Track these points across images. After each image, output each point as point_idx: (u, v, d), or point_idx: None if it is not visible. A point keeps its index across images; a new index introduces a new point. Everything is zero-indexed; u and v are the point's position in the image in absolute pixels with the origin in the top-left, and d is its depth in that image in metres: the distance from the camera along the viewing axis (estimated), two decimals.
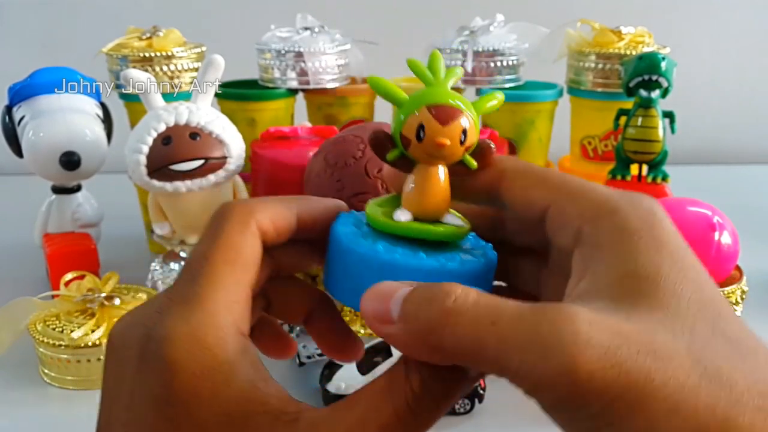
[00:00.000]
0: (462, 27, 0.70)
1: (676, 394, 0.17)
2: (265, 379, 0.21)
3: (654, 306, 0.19)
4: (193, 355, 0.20)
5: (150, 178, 0.50)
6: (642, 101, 0.53)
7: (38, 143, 0.57)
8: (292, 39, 0.68)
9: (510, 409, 0.45)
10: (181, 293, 0.21)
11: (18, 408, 0.45)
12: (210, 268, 0.22)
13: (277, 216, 0.24)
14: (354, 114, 0.72)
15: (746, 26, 1.07)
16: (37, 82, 0.58)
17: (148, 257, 0.69)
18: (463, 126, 0.25)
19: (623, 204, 0.22)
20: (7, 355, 0.47)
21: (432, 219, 0.27)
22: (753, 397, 0.18)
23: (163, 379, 0.20)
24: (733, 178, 1.01)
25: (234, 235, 0.23)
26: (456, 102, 0.25)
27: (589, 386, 0.17)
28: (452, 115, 0.25)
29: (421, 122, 0.25)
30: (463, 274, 0.24)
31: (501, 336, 0.18)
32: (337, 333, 0.27)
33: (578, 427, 0.18)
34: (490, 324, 0.19)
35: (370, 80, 0.27)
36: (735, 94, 1.09)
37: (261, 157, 0.60)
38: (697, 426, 0.17)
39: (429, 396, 0.20)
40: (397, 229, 0.26)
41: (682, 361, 0.18)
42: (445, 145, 0.25)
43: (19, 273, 0.66)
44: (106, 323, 0.47)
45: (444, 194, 0.27)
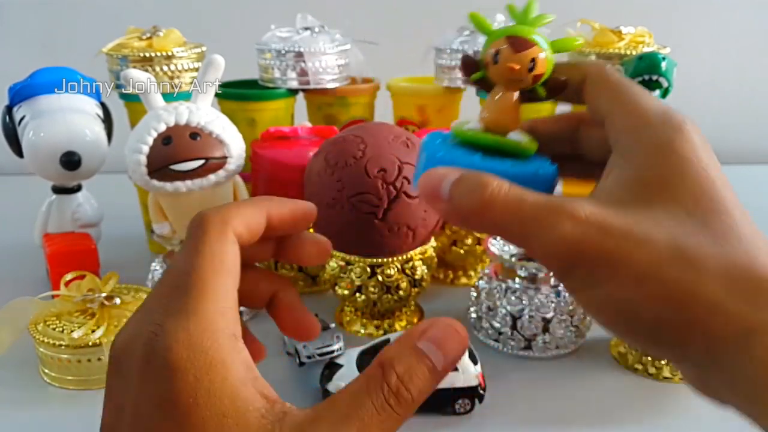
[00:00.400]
0: (462, 27, 0.70)
1: (648, 269, 0.23)
2: (255, 378, 0.23)
3: (649, 206, 0.25)
4: (192, 360, 0.22)
5: (150, 178, 0.50)
6: None
7: (38, 143, 0.57)
8: (292, 39, 0.67)
9: (510, 409, 0.45)
10: (176, 305, 0.23)
11: (18, 408, 0.45)
12: (199, 279, 0.24)
13: (250, 219, 0.27)
14: (354, 114, 0.72)
15: (746, 26, 1.07)
16: (38, 82, 0.58)
17: (148, 257, 0.69)
18: (533, 55, 0.30)
19: (656, 120, 0.27)
20: (7, 355, 0.47)
21: (499, 133, 0.32)
22: (719, 277, 0.23)
23: (167, 384, 0.22)
24: (733, 178, 1.00)
25: (215, 244, 0.25)
26: (532, 36, 0.31)
27: (578, 255, 0.24)
28: (524, 44, 0.31)
29: (498, 48, 0.31)
30: (509, 176, 0.29)
31: (521, 219, 0.25)
32: (297, 313, 0.30)
33: (574, 288, 0.25)
34: (515, 211, 0.25)
35: (471, 16, 0.33)
36: (735, 94, 1.09)
37: (261, 157, 0.60)
38: (662, 294, 0.23)
39: (404, 392, 0.23)
40: (465, 135, 0.31)
41: (659, 245, 0.23)
42: (515, 69, 0.31)
43: (19, 273, 0.66)
44: (106, 323, 0.47)
45: (510, 113, 0.32)
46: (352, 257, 0.52)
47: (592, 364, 0.50)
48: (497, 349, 0.52)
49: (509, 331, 0.51)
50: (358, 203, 0.48)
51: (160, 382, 0.22)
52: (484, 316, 0.52)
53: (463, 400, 0.44)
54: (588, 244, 0.24)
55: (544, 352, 0.51)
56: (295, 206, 0.29)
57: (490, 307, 0.52)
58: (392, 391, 0.23)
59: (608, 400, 0.46)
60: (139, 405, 0.22)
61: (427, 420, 0.43)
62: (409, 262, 0.52)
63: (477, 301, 0.54)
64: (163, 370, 0.22)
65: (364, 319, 0.55)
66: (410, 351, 0.24)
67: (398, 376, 0.23)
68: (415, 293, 0.54)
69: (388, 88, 0.75)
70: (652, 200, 0.26)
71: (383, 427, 0.23)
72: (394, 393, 0.23)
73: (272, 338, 0.49)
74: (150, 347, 0.23)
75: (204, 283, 0.24)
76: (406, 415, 0.23)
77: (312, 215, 0.30)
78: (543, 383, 0.48)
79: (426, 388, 0.24)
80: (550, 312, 0.50)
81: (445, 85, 0.70)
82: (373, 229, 0.49)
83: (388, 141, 0.49)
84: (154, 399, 0.22)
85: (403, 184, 0.48)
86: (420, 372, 0.24)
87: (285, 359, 0.50)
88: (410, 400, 0.23)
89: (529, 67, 0.31)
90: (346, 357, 0.46)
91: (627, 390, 0.47)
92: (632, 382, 0.48)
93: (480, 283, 0.54)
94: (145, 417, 0.22)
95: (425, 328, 0.25)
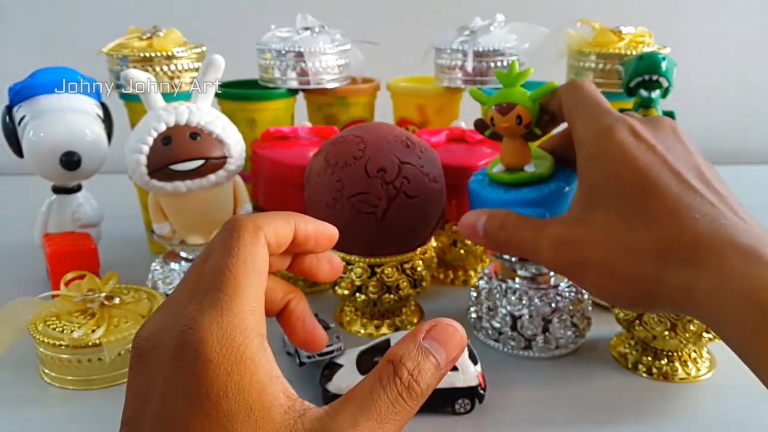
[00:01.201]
0: (462, 27, 0.70)
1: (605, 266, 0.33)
2: (278, 376, 0.25)
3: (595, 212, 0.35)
4: (225, 354, 0.23)
5: (150, 178, 0.50)
6: (642, 101, 0.53)
7: (38, 143, 0.57)
8: (292, 39, 0.67)
9: (510, 409, 0.45)
10: (209, 301, 0.24)
11: (18, 408, 0.45)
12: (233, 278, 0.25)
13: (280, 230, 0.28)
14: (354, 114, 0.72)
15: (746, 26, 1.07)
16: (37, 82, 0.58)
17: (148, 257, 0.69)
18: (517, 113, 0.43)
19: (591, 135, 0.36)
20: (7, 355, 0.47)
21: (516, 169, 0.45)
22: (655, 255, 0.32)
23: (198, 376, 0.23)
24: (733, 178, 1.00)
25: (248, 247, 0.26)
26: (514, 99, 0.43)
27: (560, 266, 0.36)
28: (508, 108, 0.43)
29: (491, 115, 0.44)
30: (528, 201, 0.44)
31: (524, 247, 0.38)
32: (307, 325, 0.32)
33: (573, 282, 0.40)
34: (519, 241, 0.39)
35: (471, 91, 0.47)
36: (735, 94, 1.09)
37: (261, 157, 0.60)
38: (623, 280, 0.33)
39: (415, 386, 0.25)
40: (493, 177, 0.47)
41: (605, 245, 0.33)
42: (507, 127, 0.44)
43: (19, 273, 0.66)
44: (106, 323, 0.47)
45: (519, 153, 0.45)
46: (352, 257, 0.52)
47: (592, 364, 0.50)
48: (497, 349, 0.52)
49: (509, 331, 0.51)
50: (358, 203, 0.48)
51: (191, 373, 0.23)
52: (484, 316, 0.52)
53: (463, 400, 0.44)
54: (561, 258, 0.35)
55: (544, 352, 0.51)
56: (320, 227, 0.31)
57: (490, 307, 0.52)
58: (404, 385, 0.25)
59: (608, 400, 0.46)
60: (166, 394, 0.23)
61: (427, 420, 0.43)
62: (409, 262, 0.52)
63: (477, 301, 0.54)
64: (196, 362, 0.23)
65: (364, 319, 0.55)
66: (417, 349, 0.26)
67: (408, 371, 0.25)
68: (415, 293, 0.54)
69: (388, 88, 0.75)
70: (595, 207, 0.34)
71: (397, 419, 0.24)
72: (406, 387, 0.25)
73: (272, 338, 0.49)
74: (182, 339, 0.23)
75: (237, 282, 0.25)
76: (416, 407, 0.25)
77: (334, 239, 0.32)
78: (543, 383, 0.48)
79: (432, 383, 0.26)
80: (550, 312, 0.50)
81: (445, 85, 0.70)
82: (373, 229, 0.49)
83: (388, 141, 0.49)
84: (184, 389, 0.23)
85: (402, 184, 0.48)
86: (427, 368, 0.26)
87: (285, 359, 0.50)
88: (420, 393, 0.25)
89: (517, 121, 0.43)
90: (346, 357, 0.46)
91: (627, 390, 0.47)
92: (632, 382, 0.48)
93: (480, 283, 0.54)
94: (172, 407, 0.23)
95: (428, 327, 0.27)
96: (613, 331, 0.54)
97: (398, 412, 0.24)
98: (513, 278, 0.51)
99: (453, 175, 0.54)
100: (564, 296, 0.50)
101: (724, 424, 0.44)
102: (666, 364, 0.48)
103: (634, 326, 0.47)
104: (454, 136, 0.65)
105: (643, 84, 0.53)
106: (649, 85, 0.53)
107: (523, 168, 0.45)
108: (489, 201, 0.45)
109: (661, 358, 0.49)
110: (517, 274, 0.51)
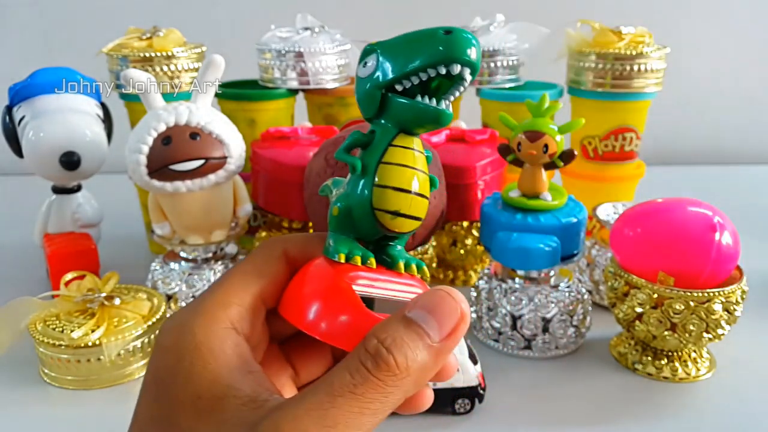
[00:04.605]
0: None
1: None
2: (249, 371, 0.23)
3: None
4: (178, 342, 0.23)
5: (150, 178, 0.50)
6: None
7: (38, 143, 0.57)
8: (292, 39, 0.67)
9: (510, 409, 0.45)
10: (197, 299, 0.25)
11: (18, 408, 0.45)
12: (224, 279, 0.25)
13: (306, 248, 0.27)
14: (354, 114, 0.72)
15: (746, 26, 1.07)
16: (37, 82, 0.58)
17: (148, 257, 0.69)
18: (545, 142, 0.47)
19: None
20: (7, 355, 0.47)
21: (533, 196, 0.49)
22: None
23: (152, 364, 0.23)
24: (733, 178, 1.01)
25: (258, 255, 0.26)
26: (542, 128, 0.47)
27: None
28: (537, 136, 0.47)
29: (518, 141, 0.48)
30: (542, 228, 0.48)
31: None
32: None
33: None
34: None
35: (501, 117, 0.49)
36: (735, 94, 1.09)
37: (261, 157, 0.60)
38: None
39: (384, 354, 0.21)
40: (510, 200, 0.50)
41: None
42: (533, 154, 0.47)
43: (19, 273, 0.66)
44: (106, 323, 0.47)
45: (538, 182, 0.49)
46: None
47: (592, 364, 0.50)
48: (497, 349, 0.52)
49: (509, 331, 0.51)
50: None
51: (150, 362, 0.24)
52: (484, 316, 0.52)
53: (463, 400, 0.44)
54: None
55: (544, 352, 0.51)
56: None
57: (490, 307, 0.52)
58: (369, 353, 0.21)
59: (608, 400, 0.46)
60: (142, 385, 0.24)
61: (427, 420, 0.43)
62: None
63: (477, 301, 0.54)
64: (154, 352, 0.24)
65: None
66: (397, 321, 0.22)
67: (379, 339, 0.22)
68: None
69: None
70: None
71: (357, 393, 0.21)
72: (371, 355, 0.21)
73: None
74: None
75: (225, 281, 0.25)
76: (392, 384, 0.21)
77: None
78: (543, 383, 0.48)
79: (420, 357, 0.22)
80: (550, 312, 0.50)
81: None
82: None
83: None
84: (146, 378, 0.23)
85: None
86: (408, 338, 0.22)
87: None
88: (393, 364, 0.21)
89: (543, 150, 0.46)
90: None
91: (627, 390, 0.47)
92: (632, 382, 0.48)
93: (480, 283, 0.54)
94: (140, 397, 0.24)
95: (416, 299, 0.23)
96: (613, 331, 0.54)
97: (358, 384, 0.21)
98: (513, 278, 0.51)
99: (453, 175, 0.54)
100: (564, 296, 0.50)
101: (724, 424, 0.44)
102: (666, 364, 0.48)
103: (634, 326, 0.47)
104: (454, 136, 0.65)
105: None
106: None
107: (539, 196, 0.49)
108: (501, 224, 0.50)
109: (661, 358, 0.49)
110: (517, 274, 0.51)
